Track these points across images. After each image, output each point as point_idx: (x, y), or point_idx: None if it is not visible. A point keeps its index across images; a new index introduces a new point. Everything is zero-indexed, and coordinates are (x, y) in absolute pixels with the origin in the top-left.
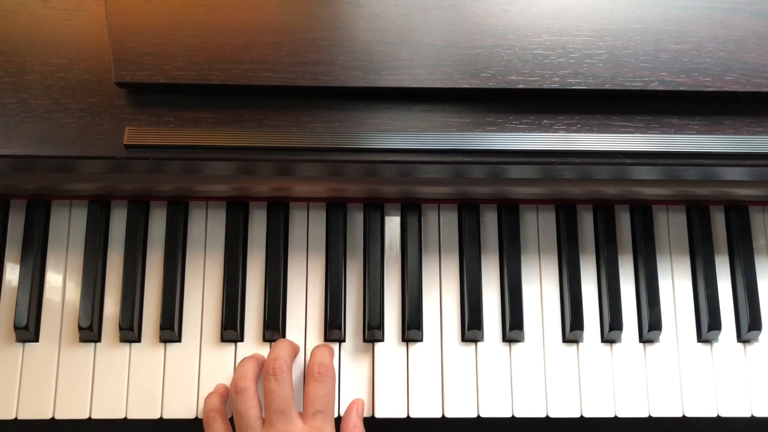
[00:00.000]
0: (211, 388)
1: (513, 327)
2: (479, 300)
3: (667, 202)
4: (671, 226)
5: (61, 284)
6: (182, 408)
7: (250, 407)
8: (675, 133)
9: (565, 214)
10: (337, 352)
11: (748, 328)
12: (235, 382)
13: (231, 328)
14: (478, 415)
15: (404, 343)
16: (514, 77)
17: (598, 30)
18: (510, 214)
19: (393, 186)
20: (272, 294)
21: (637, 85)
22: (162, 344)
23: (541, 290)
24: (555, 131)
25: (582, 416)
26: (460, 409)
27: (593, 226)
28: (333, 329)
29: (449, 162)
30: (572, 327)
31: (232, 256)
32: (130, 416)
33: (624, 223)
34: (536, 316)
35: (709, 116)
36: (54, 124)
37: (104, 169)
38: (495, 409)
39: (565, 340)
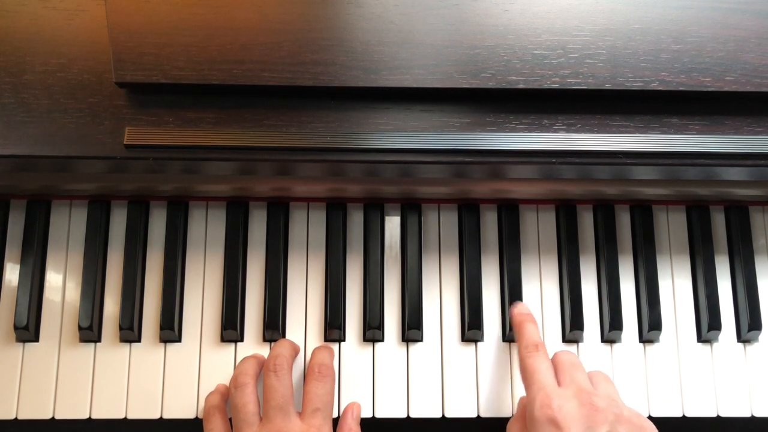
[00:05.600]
0: (211, 388)
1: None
2: (479, 300)
3: (667, 202)
4: (671, 226)
5: (61, 284)
6: (182, 408)
7: (248, 402)
8: (675, 133)
9: (565, 214)
10: (337, 352)
11: (748, 328)
12: (235, 377)
13: (231, 328)
14: (479, 415)
15: (404, 343)
16: (514, 77)
17: (598, 30)
18: (510, 214)
19: (393, 186)
20: (272, 294)
21: (637, 85)
22: (162, 344)
23: (541, 290)
24: (555, 131)
25: None
26: (461, 409)
27: (593, 226)
28: (333, 329)
29: (449, 162)
30: (572, 327)
31: (232, 256)
32: (130, 416)
33: (624, 223)
34: (536, 316)
35: (709, 116)
36: (54, 124)
37: (104, 169)
38: (495, 408)
39: (565, 339)
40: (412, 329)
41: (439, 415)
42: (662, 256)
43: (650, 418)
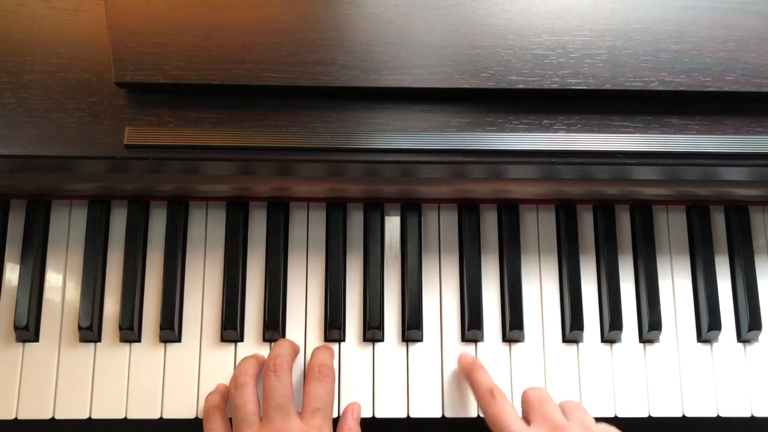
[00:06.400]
0: (211, 388)
1: (513, 327)
2: (479, 300)
3: (667, 202)
4: (671, 226)
5: (61, 284)
6: (182, 408)
7: (248, 402)
8: (675, 133)
9: (565, 214)
10: (337, 352)
11: (748, 328)
12: (235, 377)
13: (231, 328)
14: (479, 415)
15: (404, 343)
16: (514, 77)
17: (598, 30)
18: (510, 214)
19: (393, 186)
20: (272, 294)
21: (637, 85)
22: (162, 344)
23: (541, 290)
24: (555, 131)
25: None
26: (460, 409)
27: (593, 226)
28: (333, 329)
29: (449, 162)
30: (572, 327)
31: (232, 256)
32: (130, 416)
33: (624, 223)
34: (536, 316)
35: (709, 116)
36: (54, 124)
37: (104, 169)
38: None
39: (565, 340)
40: (412, 329)
41: (439, 415)
42: (662, 256)
43: (650, 418)
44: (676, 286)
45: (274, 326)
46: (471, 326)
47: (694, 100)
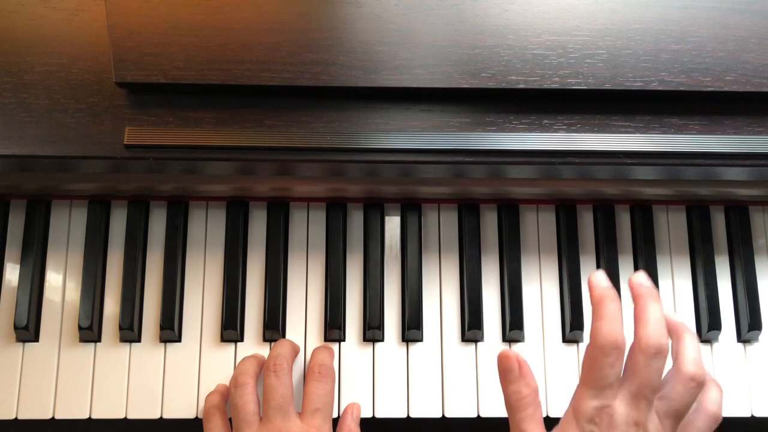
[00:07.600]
0: (211, 388)
1: (513, 327)
2: (479, 300)
3: (667, 202)
4: (671, 226)
5: (61, 284)
6: (182, 408)
7: (247, 402)
8: (675, 133)
9: (565, 214)
10: (337, 352)
11: (748, 328)
12: (235, 377)
13: (231, 328)
14: (478, 415)
15: (404, 343)
16: (514, 77)
17: (598, 30)
18: (510, 214)
19: (393, 186)
20: (272, 294)
21: (637, 85)
22: (162, 344)
23: (541, 290)
24: (555, 131)
25: None
26: (460, 409)
27: (593, 226)
28: (333, 329)
29: (449, 162)
30: (572, 327)
31: (232, 256)
32: (130, 416)
33: (624, 223)
34: (536, 316)
35: (709, 116)
36: (54, 124)
37: (104, 169)
38: (495, 408)
39: (565, 339)
40: (412, 329)
41: (439, 415)
42: (662, 256)
43: None
44: (676, 286)
45: (274, 326)
46: (471, 326)
47: (694, 100)
